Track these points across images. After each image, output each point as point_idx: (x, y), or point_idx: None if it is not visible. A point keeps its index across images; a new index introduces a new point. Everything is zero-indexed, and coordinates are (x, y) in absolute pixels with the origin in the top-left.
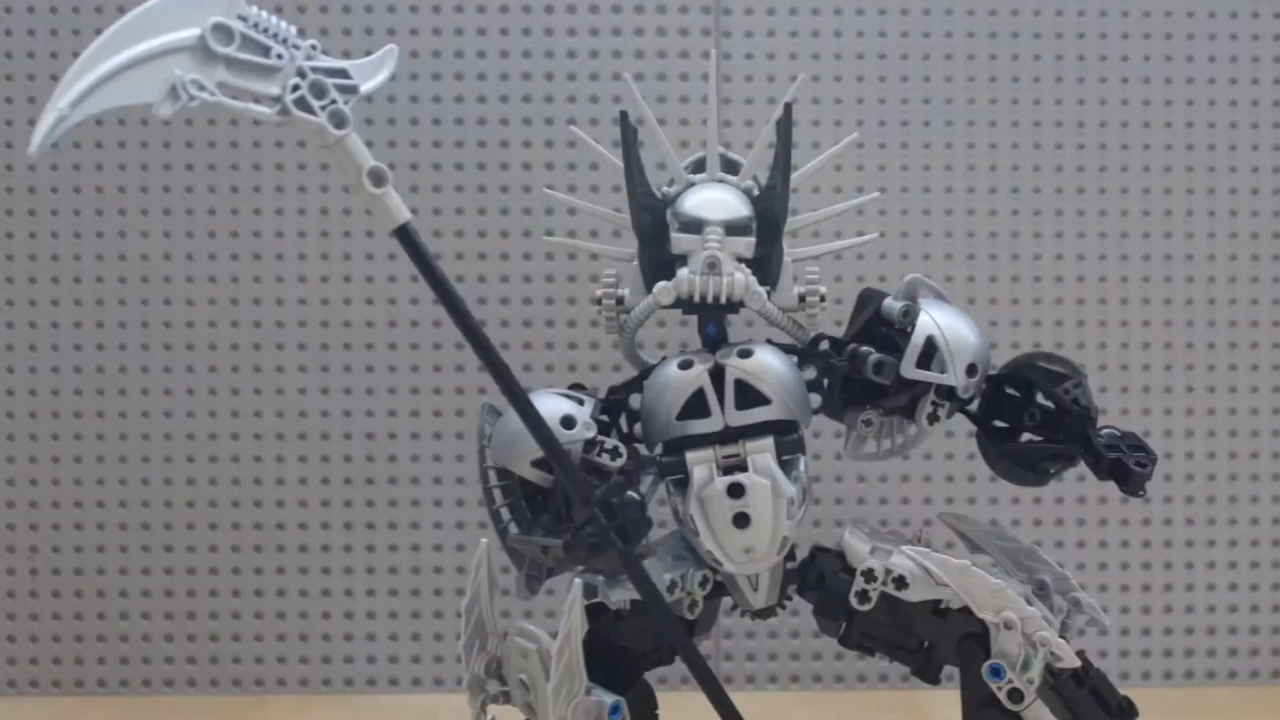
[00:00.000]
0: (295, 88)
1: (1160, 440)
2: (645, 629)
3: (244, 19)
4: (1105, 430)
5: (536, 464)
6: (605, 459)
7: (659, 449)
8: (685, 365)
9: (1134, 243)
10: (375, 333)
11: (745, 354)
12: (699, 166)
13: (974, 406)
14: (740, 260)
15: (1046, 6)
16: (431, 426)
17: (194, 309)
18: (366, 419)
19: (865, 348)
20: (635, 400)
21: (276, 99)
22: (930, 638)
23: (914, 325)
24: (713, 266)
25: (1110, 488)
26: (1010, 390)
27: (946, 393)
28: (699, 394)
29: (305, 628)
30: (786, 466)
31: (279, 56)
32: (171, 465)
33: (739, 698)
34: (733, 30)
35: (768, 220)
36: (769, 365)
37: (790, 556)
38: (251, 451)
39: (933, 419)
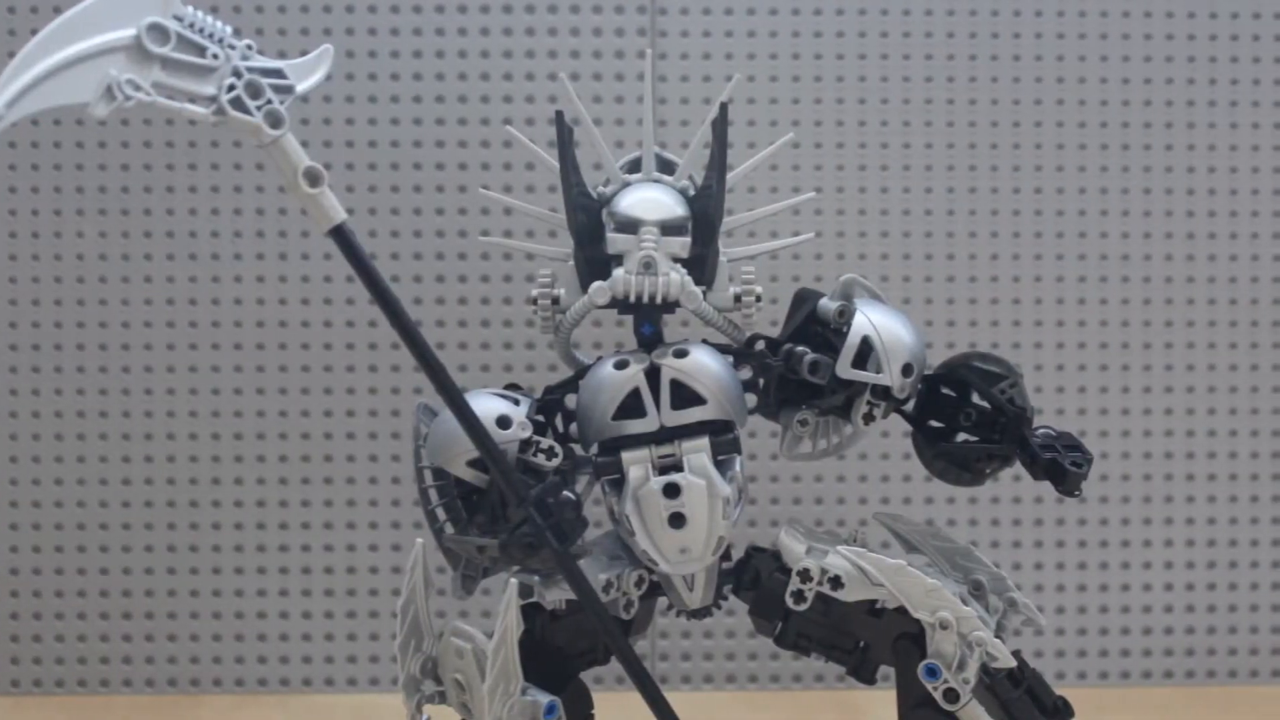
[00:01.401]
0: (231, 88)
1: (1096, 440)
2: (581, 629)
3: (180, 19)
4: (1041, 430)
5: (472, 464)
6: (541, 459)
7: (594, 449)
8: (621, 365)
9: (1069, 242)
10: (311, 333)
11: (681, 354)
12: (635, 166)
13: (909, 406)
14: (676, 260)
15: (982, 6)
16: (367, 426)
17: (129, 309)
18: (303, 419)
19: (801, 348)
20: (571, 400)
21: (212, 99)
22: (866, 638)
23: (849, 325)
24: (648, 266)
25: (1046, 488)
26: (946, 390)
27: (882, 393)
28: (634, 394)
29: (241, 628)
30: (722, 466)
31: (215, 56)
32: (106, 466)
33: (675, 698)
34: (668, 30)
35: (703, 220)
36: (705, 365)
37: (726, 556)
38: (187, 452)
39: (868, 419)
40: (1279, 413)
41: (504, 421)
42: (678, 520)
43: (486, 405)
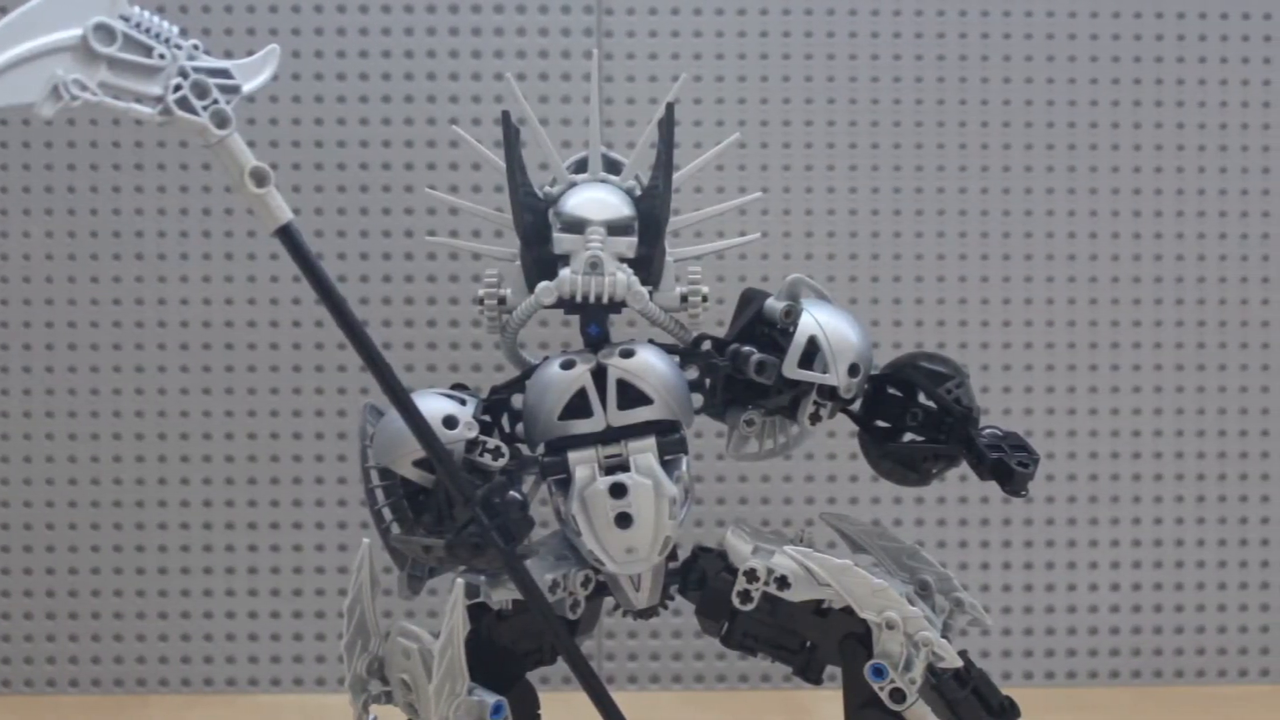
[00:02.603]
0: (177, 87)
1: (1042, 440)
2: (527, 629)
3: (126, 19)
4: (987, 430)
5: (418, 464)
6: (487, 459)
7: (541, 449)
8: (567, 365)
9: (1015, 243)
10: (257, 332)
11: (627, 354)
12: (581, 166)
13: (856, 406)
14: (622, 260)
15: (928, 7)
16: (313, 426)
17: (75, 309)
18: (248, 419)
19: (747, 348)
20: (517, 400)
21: (159, 99)
22: (812, 638)
23: (796, 325)
24: (595, 266)
25: (992, 488)
26: (892, 390)
27: (828, 393)
28: (581, 394)
29: (187, 627)
30: (669, 466)
31: (161, 56)
32: (53, 465)
33: (621, 698)
34: (614, 30)
35: (650, 220)
36: (651, 365)
37: (672, 556)
38: (133, 451)
39: (815, 419)
40: (1224, 413)
41: (450, 421)
42: (624, 520)
43: (433, 405)
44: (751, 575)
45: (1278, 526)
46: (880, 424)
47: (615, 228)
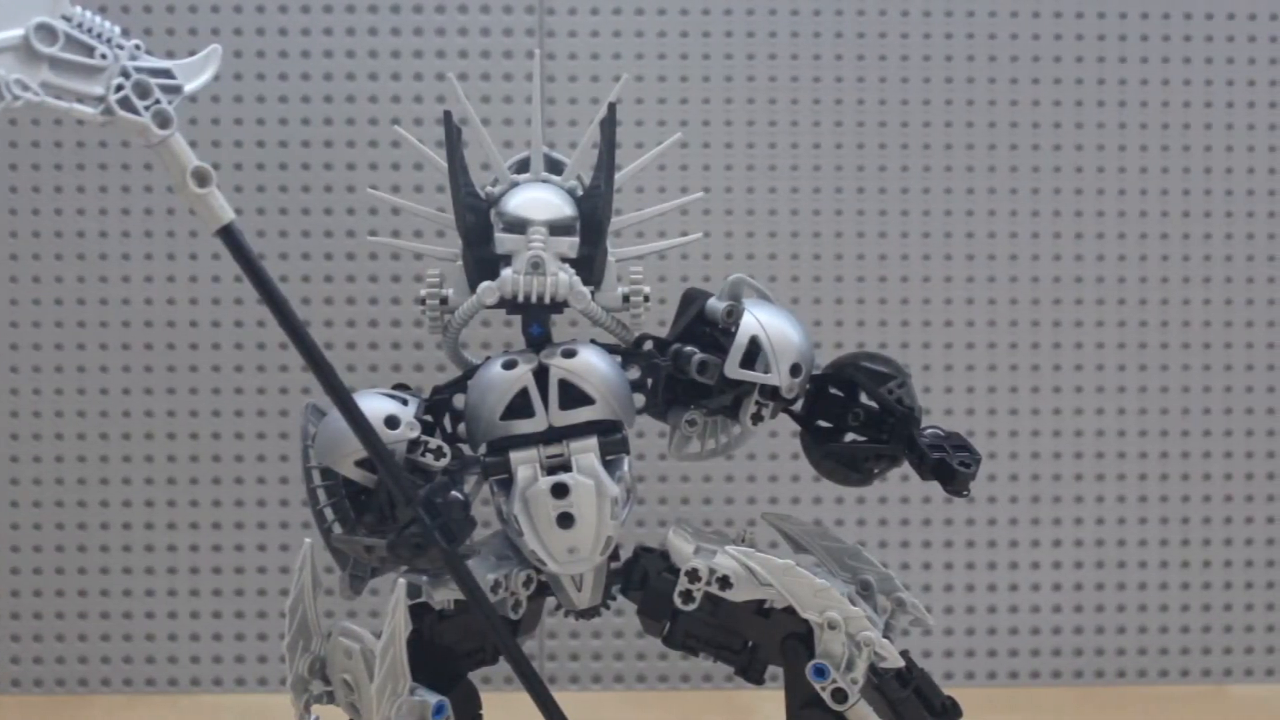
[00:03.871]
0: (119, 88)
1: (984, 440)
2: (469, 629)
3: (68, 19)
4: (929, 430)
5: (360, 464)
6: (429, 459)
7: (483, 449)
8: (509, 365)
9: (957, 242)
10: (199, 332)
11: (569, 354)
12: (523, 166)
13: (798, 406)
14: (564, 260)
15: (870, 8)
16: (255, 426)
17: (18, 309)
18: (190, 419)
19: (689, 348)
20: (459, 400)
21: (100, 99)
22: (754, 638)
23: (737, 325)
24: (536, 266)
25: (934, 488)
26: (834, 390)
27: (770, 393)
28: (523, 394)
29: (129, 627)
30: (610, 466)
31: (103, 56)
32: None
33: (563, 698)
34: (556, 30)
35: (592, 220)
36: (593, 365)
37: (614, 556)
38: (75, 451)
39: (756, 419)
40: (1166, 413)
41: (392, 421)
42: (566, 520)
43: (374, 405)
44: (693, 575)
45: (1219, 527)
46: (822, 424)
47: (557, 228)
